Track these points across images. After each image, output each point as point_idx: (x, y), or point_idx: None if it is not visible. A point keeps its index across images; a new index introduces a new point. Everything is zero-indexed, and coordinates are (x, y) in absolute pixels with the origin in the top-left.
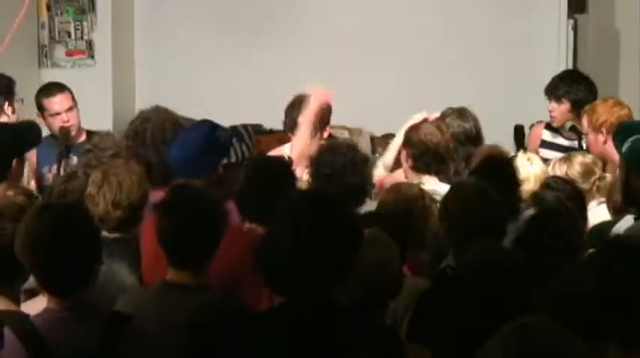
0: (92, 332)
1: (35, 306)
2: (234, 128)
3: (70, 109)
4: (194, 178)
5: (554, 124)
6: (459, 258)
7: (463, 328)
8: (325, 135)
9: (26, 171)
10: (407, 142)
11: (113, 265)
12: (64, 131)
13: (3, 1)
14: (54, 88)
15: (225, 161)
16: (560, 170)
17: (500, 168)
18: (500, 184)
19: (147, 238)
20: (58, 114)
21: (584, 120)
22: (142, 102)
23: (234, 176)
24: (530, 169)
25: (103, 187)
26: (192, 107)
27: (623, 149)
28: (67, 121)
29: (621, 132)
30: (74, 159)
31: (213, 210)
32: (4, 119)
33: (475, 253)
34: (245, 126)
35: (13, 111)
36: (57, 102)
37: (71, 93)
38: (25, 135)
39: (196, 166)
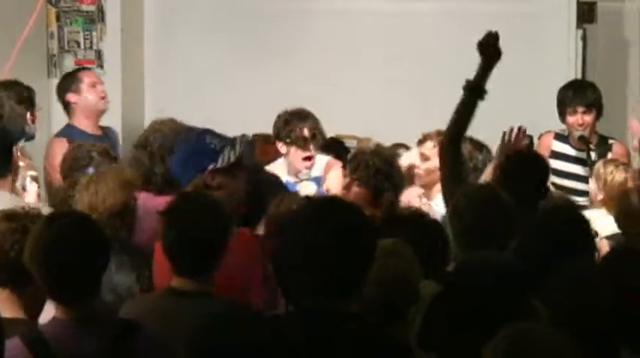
0: (102, 341)
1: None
2: (232, 137)
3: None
4: (184, 183)
5: (587, 134)
6: (459, 264)
7: (461, 334)
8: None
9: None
10: None
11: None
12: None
13: (12, 11)
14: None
15: (212, 166)
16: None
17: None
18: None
19: (158, 246)
20: (98, 83)
21: None
22: (151, 111)
23: (228, 182)
24: None
25: (82, 192)
26: (201, 117)
27: None
28: (105, 92)
29: None
30: None
31: (217, 218)
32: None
33: (472, 260)
34: (253, 135)
35: (34, 121)
36: (94, 74)
37: None
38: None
39: (184, 170)
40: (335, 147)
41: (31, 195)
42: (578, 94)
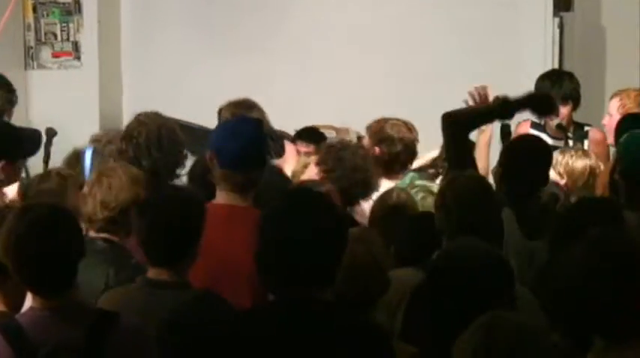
0: (78, 331)
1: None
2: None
3: None
4: (254, 169)
5: (563, 122)
6: (442, 252)
7: (443, 323)
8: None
9: None
10: None
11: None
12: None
13: None
14: None
15: (267, 157)
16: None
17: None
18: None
19: None
20: None
21: (616, 103)
22: (129, 103)
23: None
24: None
25: (94, 187)
26: (178, 108)
27: (621, 140)
28: None
29: (625, 122)
30: None
31: (189, 209)
32: None
33: (454, 248)
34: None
35: (10, 117)
36: None
37: None
38: (21, 142)
39: (256, 158)
40: (313, 136)
41: (12, 192)
42: (555, 85)
